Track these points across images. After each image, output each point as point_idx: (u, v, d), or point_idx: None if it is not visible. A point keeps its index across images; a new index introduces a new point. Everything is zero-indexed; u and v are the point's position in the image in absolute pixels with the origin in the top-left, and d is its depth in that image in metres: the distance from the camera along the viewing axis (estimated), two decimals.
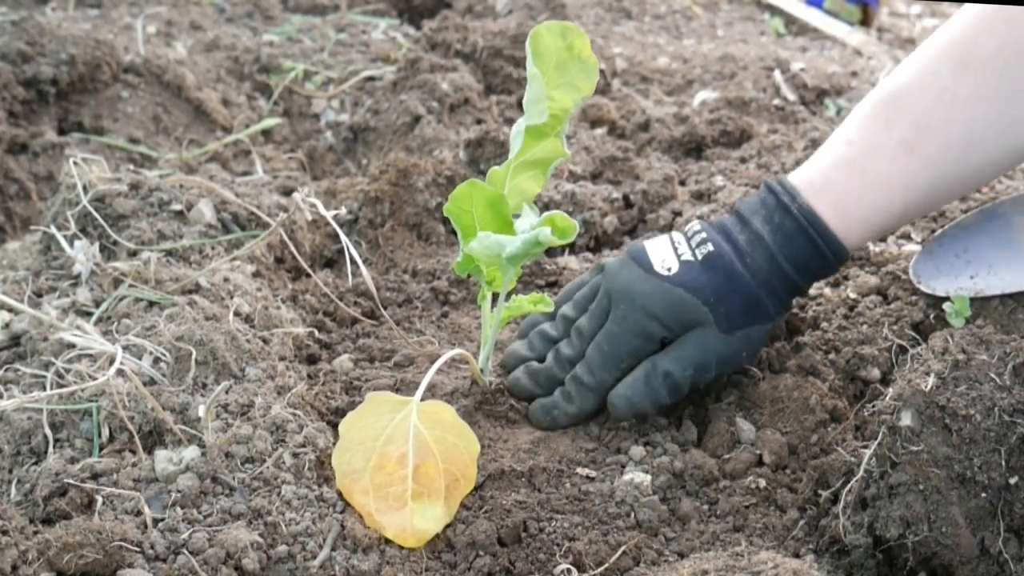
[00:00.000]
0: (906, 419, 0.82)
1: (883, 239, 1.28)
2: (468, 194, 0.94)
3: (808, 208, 1.01)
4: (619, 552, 0.86)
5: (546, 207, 1.38)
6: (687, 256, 1.03)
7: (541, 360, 1.08)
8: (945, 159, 1.00)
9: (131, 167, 1.38)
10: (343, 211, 1.36)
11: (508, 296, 1.02)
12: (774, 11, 2.56)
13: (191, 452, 0.88)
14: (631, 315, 1.01)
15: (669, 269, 1.02)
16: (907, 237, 1.28)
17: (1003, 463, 0.80)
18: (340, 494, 0.89)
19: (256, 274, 1.19)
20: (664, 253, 1.04)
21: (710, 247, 1.02)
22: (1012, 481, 0.80)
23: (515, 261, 0.93)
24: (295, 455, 0.90)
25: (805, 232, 1.01)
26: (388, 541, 0.85)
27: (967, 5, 1.00)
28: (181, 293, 1.08)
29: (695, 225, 1.07)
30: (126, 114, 1.68)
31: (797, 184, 1.03)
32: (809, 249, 1.01)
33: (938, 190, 1.03)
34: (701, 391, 1.07)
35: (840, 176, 1.02)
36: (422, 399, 0.92)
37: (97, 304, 1.09)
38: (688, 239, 1.05)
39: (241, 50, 2.01)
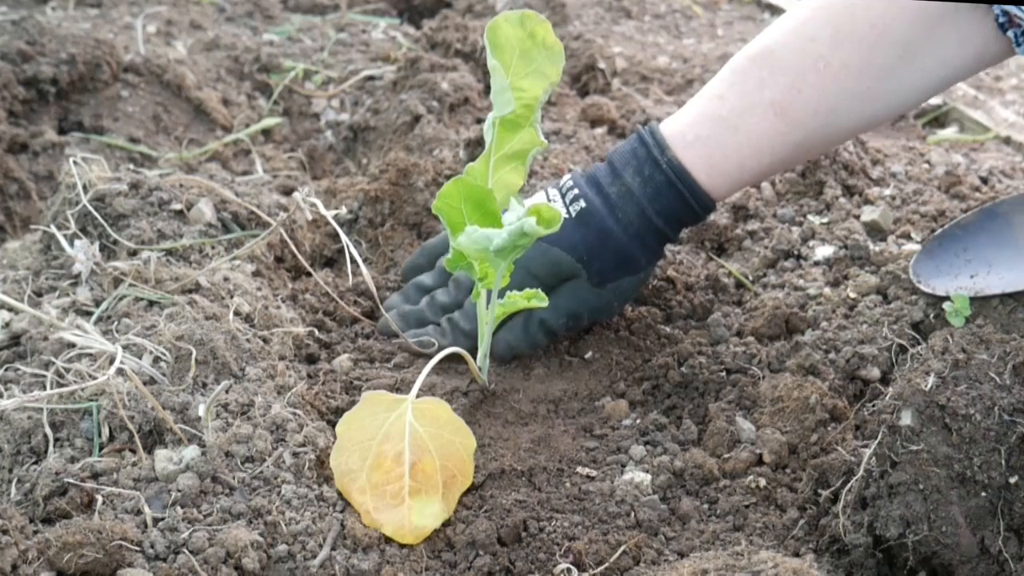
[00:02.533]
0: (906, 418, 0.82)
1: (885, 239, 1.28)
2: (456, 191, 0.94)
3: (678, 163, 1.05)
4: (619, 551, 0.86)
5: None
6: (563, 213, 1.06)
7: None
8: (812, 124, 1.04)
9: (131, 167, 1.38)
10: (343, 211, 1.36)
11: (502, 293, 1.02)
12: (774, 11, 2.56)
13: (191, 452, 0.88)
14: (513, 273, 1.05)
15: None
16: (907, 237, 1.28)
17: (1003, 462, 0.80)
18: (340, 493, 0.89)
19: (256, 274, 1.19)
20: None
21: (582, 204, 1.07)
22: (1012, 480, 0.80)
23: (503, 254, 0.93)
24: (295, 455, 0.90)
25: (674, 187, 1.05)
26: (388, 540, 0.85)
27: None
28: (181, 293, 1.07)
29: (569, 180, 1.10)
30: (126, 114, 1.68)
31: (668, 136, 1.06)
32: (678, 203, 1.06)
33: (801, 151, 1.08)
34: (700, 391, 1.07)
35: (710, 132, 1.05)
36: (418, 397, 0.92)
37: (97, 304, 1.09)
38: (563, 195, 1.09)
39: (241, 50, 2.00)
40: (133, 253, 1.14)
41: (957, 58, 1.02)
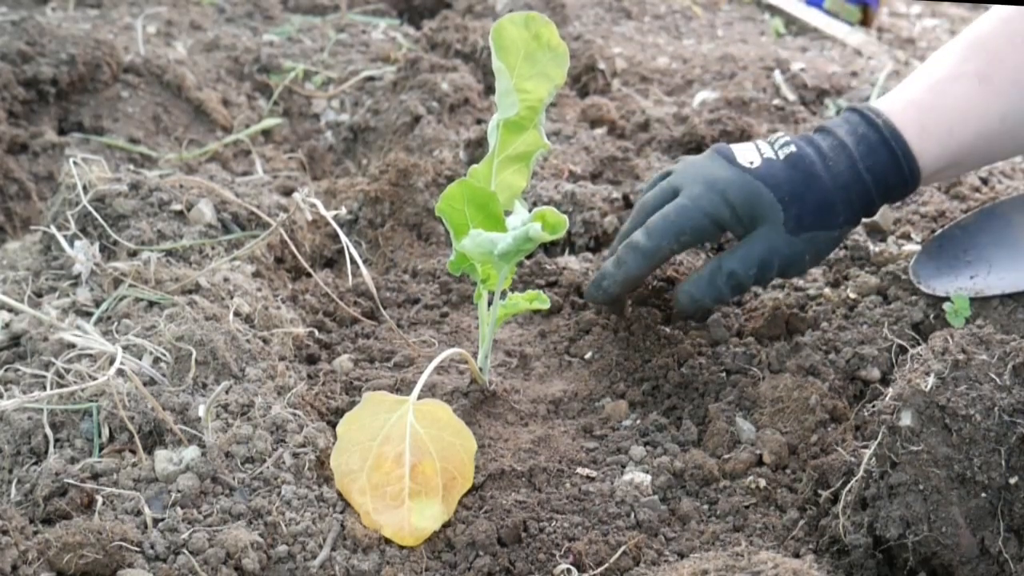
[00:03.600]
0: (906, 419, 0.82)
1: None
2: (460, 193, 0.94)
3: (891, 124, 1.07)
4: (619, 552, 0.86)
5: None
6: (769, 154, 1.07)
7: None
8: (1014, 93, 1.07)
9: (131, 167, 1.38)
10: (343, 211, 1.36)
11: (504, 294, 1.02)
12: (774, 11, 2.56)
13: (191, 452, 0.88)
14: (707, 195, 1.04)
15: (751, 163, 1.06)
16: (907, 237, 1.28)
17: (1003, 463, 0.80)
18: (340, 494, 0.89)
19: (256, 274, 1.19)
20: (748, 152, 1.08)
21: (792, 148, 1.07)
22: (1012, 481, 0.80)
23: (507, 258, 0.93)
24: (295, 455, 0.90)
25: (887, 144, 1.06)
26: (388, 541, 0.85)
27: None
28: (181, 293, 1.07)
29: (779, 133, 1.11)
30: (126, 114, 1.68)
31: (879, 103, 1.09)
32: (890, 161, 1.06)
33: (1006, 125, 1.09)
34: (700, 392, 1.07)
35: (921, 95, 1.09)
36: (419, 398, 0.92)
37: (97, 304, 1.09)
38: (771, 144, 1.09)
39: (241, 50, 2.00)
40: (133, 254, 1.14)
41: None
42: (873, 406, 0.88)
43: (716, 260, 1.06)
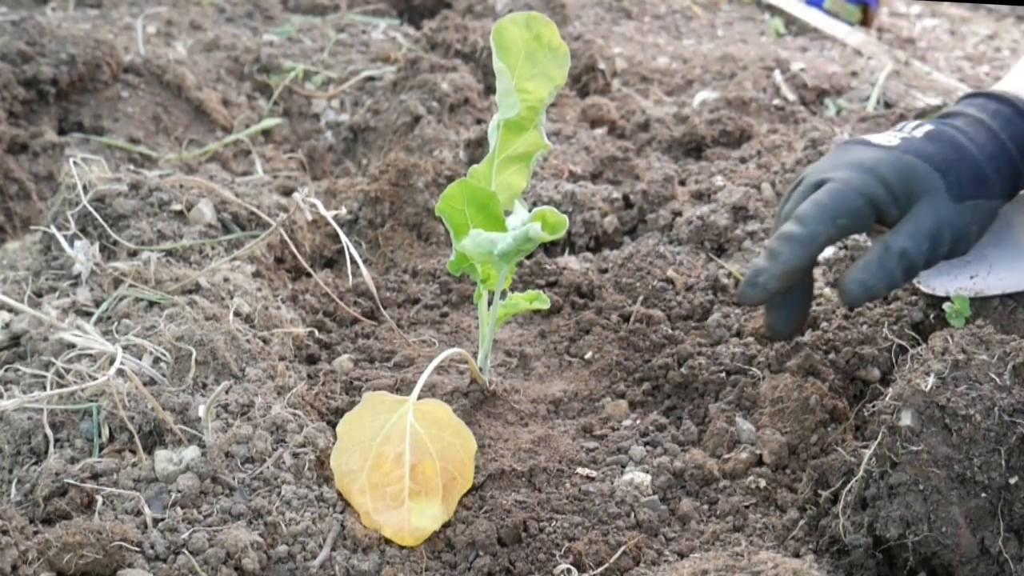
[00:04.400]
0: (906, 419, 0.82)
1: None
2: (460, 193, 0.94)
3: (1018, 98, 1.03)
4: (619, 552, 0.86)
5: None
6: (906, 135, 1.02)
7: None
8: None
9: (131, 167, 1.38)
10: (343, 211, 1.36)
11: (504, 294, 1.02)
12: (774, 11, 2.56)
13: (191, 452, 0.88)
14: (859, 175, 0.97)
15: (891, 143, 1.01)
16: None
17: (1003, 463, 0.80)
18: (340, 494, 0.89)
19: (256, 274, 1.19)
20: (883, 137, 1.03)
21: (929, 127, 1.03)
22: (1012, 481, 0.80)
23: (507, 258, 0.93)
24: (295, 455, 0.90)
25: (1022, 115, 1.02)
26: (388, 541, 0.85)
27: None
28: (181, 293, 1.07)
29: (905, 122, 1.07)
30: (126, 114, 1.68)
31: (997, 87, 1.07)
32: None
33: None
34: (700, 392, 1.07)
35: None
36: (419, 398, 0.92)
37: (97, 304, 1.09)
38: (901, 129, 1.05)
39: (241, 50, 2.00)
40: (133, 254, 1.14)
41: None
42: (873, 406, 0.88)
43: (880, 243, 0.97)
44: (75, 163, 1.19)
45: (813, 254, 0.96)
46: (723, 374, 1.08)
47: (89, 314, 1.07)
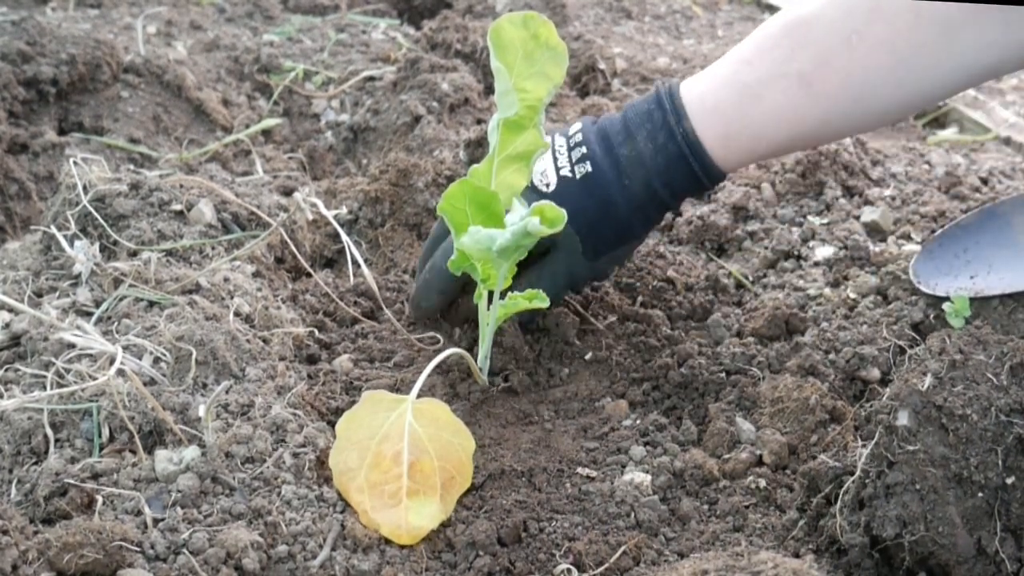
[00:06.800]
0: (903, 419, 0.82)
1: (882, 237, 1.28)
2: (461, 192, 0.94)
3: (693, 135, 1.02)
4: (619, 552, 0.86)
5: None
6: (566, 172, 1.04)
7: None
8: (840, 98, 1.00)
9: (131, 167, 1.38)
10: (343, 211, 1.36)
11: (503, 294, 1.02)
12: (774, 11, 2.56)
13: (191, 452, 0.88)
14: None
15: (548, 185, 1.05)
16: (907, 237, 1.28)
17: (1000, 463, 0.80)
18: (339, 493, 0.89)
19: (256, 274, 1.20)
20: (544, 164, 1.06)
21: (588, 168, 1.04)
22: (1009, 481, 0.80)
23: (506, 254, 0.93)
24: (295, 455, 0.90)
25: (685, 160, 1.03)
26: (388, 541, 0.86)
27: None
28: (181, 293, 1.08)
29: (578, 133, 1.07)
30: (126, 114, 1.68)
31: (687, 100, 1.03)
32: (687, 176, 1.04)
33: (825, 128, 1.04)
34: (700, 392, 1.07)
35: (732, 99, 1.02)
36: (419, 398, 0.92)
37: (97, 304, 1.09)
38: (569, 149, 1.06)
39: (241, 50, 2.01)
40: (133, 254, 1.14)
41: (1000, 43, 0.96)
42: (871, 406, 0.88)
43: (525, 278, 1.07)
44: (75, 163, 1.19)
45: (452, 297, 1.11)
46: (723, 374, 1.09)
47: (89, 314, 1.07)
